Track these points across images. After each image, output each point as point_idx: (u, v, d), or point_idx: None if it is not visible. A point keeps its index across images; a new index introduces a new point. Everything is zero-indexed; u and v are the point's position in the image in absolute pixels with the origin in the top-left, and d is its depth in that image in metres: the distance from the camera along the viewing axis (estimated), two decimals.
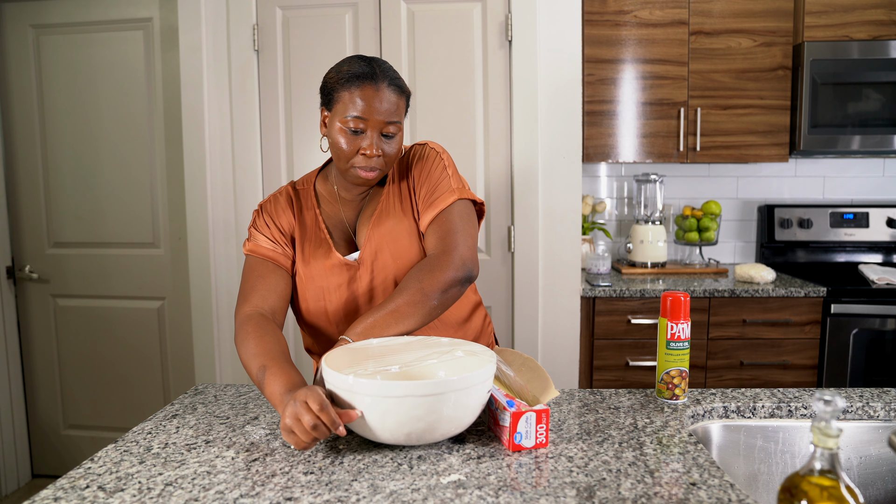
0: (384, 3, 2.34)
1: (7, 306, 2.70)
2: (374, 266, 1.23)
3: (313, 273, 1.24)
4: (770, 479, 1.16)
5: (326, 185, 1.31)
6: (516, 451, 0.98)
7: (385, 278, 1.23)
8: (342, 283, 1.23)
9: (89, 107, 2.61)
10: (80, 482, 0.90)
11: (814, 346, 2.34)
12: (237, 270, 2.49)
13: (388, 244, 1.23)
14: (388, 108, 1.15)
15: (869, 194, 2.89)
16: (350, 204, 1.29)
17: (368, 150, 1.15)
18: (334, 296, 1.24)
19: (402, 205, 1.26)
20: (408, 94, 1.21)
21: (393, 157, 1.20)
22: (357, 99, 1.14)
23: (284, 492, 0.86)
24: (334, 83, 1.17)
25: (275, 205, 1.30)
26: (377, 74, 1.15)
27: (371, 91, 1.14)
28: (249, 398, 1.25)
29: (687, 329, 1.18)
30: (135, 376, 2.71)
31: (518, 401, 1.02)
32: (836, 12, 2.45)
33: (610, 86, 2.55)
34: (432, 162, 1.27)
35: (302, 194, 1.31)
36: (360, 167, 1.17)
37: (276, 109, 2.43)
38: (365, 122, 1.14)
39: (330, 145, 1.20)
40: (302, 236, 1.27)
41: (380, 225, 1.24)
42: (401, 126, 1.19)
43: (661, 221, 2.71)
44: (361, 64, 1.16)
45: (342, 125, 1.15)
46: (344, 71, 1.16)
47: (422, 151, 1.30)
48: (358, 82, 1.14)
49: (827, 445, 0.65)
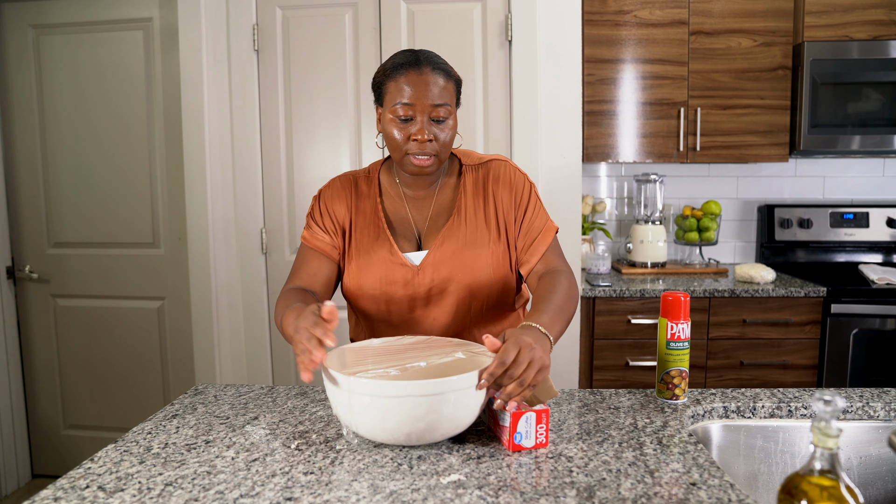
0: (384, 3, 2.34)
1: (7, 306, 2.70)
2: (435, 275, 1.23)
3: (372, 261, 1.25)
4: (770, 479, 1.16)
5: (390, 177, 1.32)
6: (516, 451, 0.98)
7: (444, 290, 1.24)
8: (398, 280, 1.24)
9: (89, 107, 2.60)
10: (80, 482, 0.90)
11: (814, 346, 2.34)
12: (237, 270, 2.49)
13: (457, 258, 1.23)
14: (434, 91, 1.15)
15: (869, 194, 2.89)
16: (416, 202, 1.29)
17: (419, 134, 1.15)
18: (391, 289, 1.24)
19: (488, 225, 1.26)
20: (456, 80, 1.22)
21: (447, 143, 1.20)
22: (403, 86, 1.15)
23: (284, 492, 0.86)
24: (381, 77, 1.20)
25: (332, 191, 1.31)
26: (420, 61, 1.17)
27: (415, 76, 1.15)
28: (249, 398, 1.25)
29: (687, 329, 1.18)
30: (135, 376, 2.71)
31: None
32: (836, 12, 2.45)
33: (610, 86, 2.55)
34: (529, 195, 1.28)
35: (363, 181, 1.32)
36: (414, 154, 1.17)
37: (276, 109, 2.43)
38: (412, 107, 1.15)
39: (385, 138, 1.21)
40: (358, 223, 1.28)
41: (451, 236, 1.24)
42: (451, 110, 1.19)
43: (661, 221, 2.71)
44: (405, 54, 1.19)
45: (392, 115, 1.17)
46: (389, 64, 1.19)
47: (509, 175, 1.28)
48: (402, 70, 1.16)
49: (827, 445, 0.65)
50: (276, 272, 2.50)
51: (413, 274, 1.23)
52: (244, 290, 2.50)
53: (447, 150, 1.21)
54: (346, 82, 2.40)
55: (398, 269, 1.23)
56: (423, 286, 1.23)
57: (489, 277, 1.24)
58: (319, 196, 1.32)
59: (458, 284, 1.23)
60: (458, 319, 1.27)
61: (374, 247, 1.25)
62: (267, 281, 2.50)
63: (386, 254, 1.24)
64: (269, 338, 2.52)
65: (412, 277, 1.23)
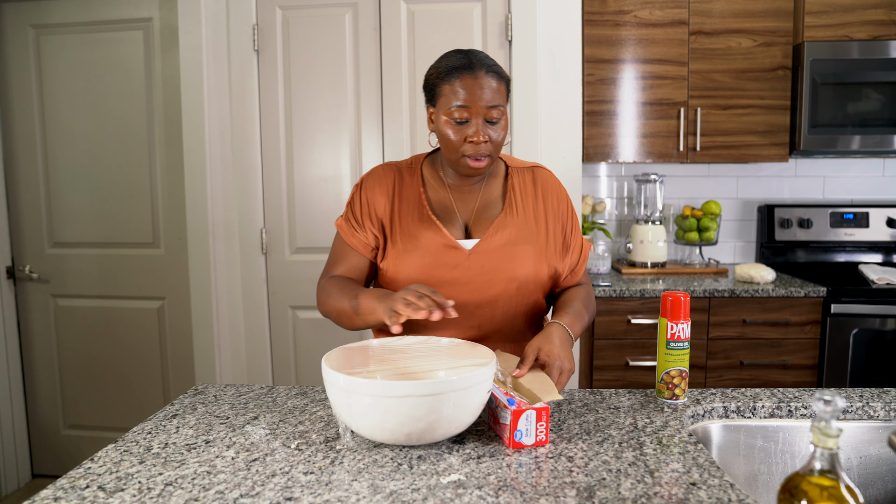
0: (384, 3, 2.34)
1: (7, 306, 2.70)
2: (486, 262, 1.26)
3: (419, 245, 1.27)
4: (770, 479, 1.16)
5: (433, 171, 1.34)
6: (517, 450, 0.98)
7: (491, 279, 1.26)
8: (447, 263, 1.26)
9: (89, 107, 2.60)
10: (80, 482, 0.90)
11: (814, 346, 2.34)
12: (237, 270, 2.49)
13: (507, 249, 1.27)
14: (488, 94, 1.18)
15: (869, 194, 2.89)
16: (461, 194, 1.32)
17: (475, 136, 1.18)
18: (437, 272, 1.26)
19: (538, 224, 1.31)
20: (507, 80, 1.25)
21: (500, 143, 1.23)
22: (458, 90, 1.18)
23: (284, 492, 0.86)
24: (435, 79, 1.23)
25: (373, 180, 1.33)
26: (474, 64, 1.19)
27: (470, 80, 1.18)
28: (249, 398, 1.25)
29: (687, 329, 1.18)
30: (135, 376, 2.71)
31: (518, 398, 1.02)
32: (836, 12, 2.45)
33: (610, 86, 2.55)
34: (571, 210, 1.37)
35: (406, 171, 1.34)
36: (470, 155, 1.21)
37: (276, 109, 2.43)
38: (468, 110, 1.18)
39: (439, 139, 1.24)
40: (402, 210, 1.30)
41: (504, 227, 1.28)
42: (503, 111, 1.22)
43: (661, 221, 2.71)
44: (458, 56, 1.21)
45: (447, 117, 1.20)
46: (443, 66, 1.22)
47: (556, 185, 1.37)
48: (457, 73, 1.19)
49: (827, 445, 0.65)
50: (276, 272, 2.50)
51: (464, 258, 1.26)
52: (244, 290, 2.50)
53: (500, 150, 1.25)
54: (346, 82, 2.40)
55: (448, 252, 1.26)
56: (473, 270, 1.26)
57: (530, 273, 1.28)
58: (361, 185, 1.34)
59: (503, 275, 1.26)
60: (499, 310, 1.29)
61: (420, 231, 1.28)
62: (267, 281, 2.50)
63: (434, 237, 1.26)
64: (269, 338, 2.52)
65: (462, 261, 1.26)
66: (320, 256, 2.48)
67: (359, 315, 1.17)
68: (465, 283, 1.26)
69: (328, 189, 2.45)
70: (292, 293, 2.49)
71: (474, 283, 1.26)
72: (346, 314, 1.21)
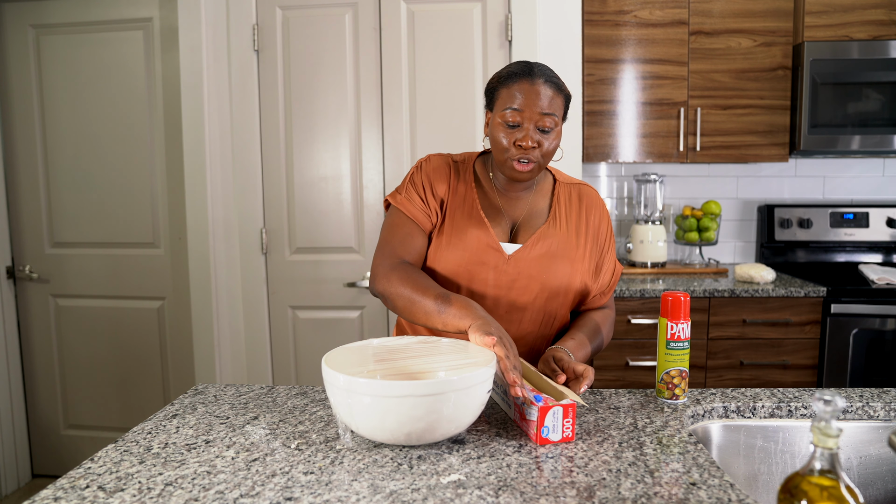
0: (384, 3, 2.34)
1: (7, 306, 2.70)
2: (523, 268, 1.27)
3: (465, 240, 1.27)
4: (770, 479, 1.16)
5: (484, 170, 1.35)
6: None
7: (525, 286, 1.27)
8: (489, 262, 1.27)
9: (89, 107, 2.60)
10: (80, 482, 0.90)
11: (814, 346, 2.34)
12: (237, 270, 2.49)
13: (545, 260, 1.28)
14: (543, 101, 1.19)
15: (869, 194, 2.89)
16: (509, 200, 1.32)
17: (524, 140, 1.19)
18: (478, 269, 1.27)
19: (578, 240, 1.32)
20: (566, 94, 1.25)
21: (549, 153, 1.23)
22: (515, 93, 1.20)
23: (284, 492, 0.86)
24: (495, 83, 1.25)
25: (433, 165, 1.34)
26: (534, 71, 1.21)
27: (527, 85, 1.19)
28: (249, 398, 1.25)
29: (687, 329, 1.18)
30: (135, 376, 2.71)
31: (545, 395, 1.02)
32: (836, 12, 2.45)
33: (610, 86, 2.55)
34: (610, 233, 1.38)
35: (460, 166, 1.35)
36: (516, 159, 1.21)
37: (276, 109, 2.43)
38: (521, 113, 1.19)
39: (490, 141, 1.25)
40: (454, 203, 1.31)
41: (545, 238, 1.29)
42: (557, 121, 1.22)
43: (661, 221, 2.71)
44: (520, 65, 1.23)
45: (500, 119, 1.22)
46: (504, 71, 1.24)
47: (601, 204, 1.38)
48: (516, 78, 1.21)
49: (827, 445, 0.65)
50: (276, 272, 2.50)
51: (503, 261, 1.27)
52: (244, 290, 2.50)
53: (548, 160, 1.25)
54: (346, 82, 2.40)
55: (490, 252, 1.27)
56: (508, 275, 1.27)
57: (562, 287, 1.29)
58: (420, 166, 1.35)
59: (537, 284, 1.28)
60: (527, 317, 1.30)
61: (468, 227, 1.28)
62: (267, 281, 2.50)
63: (481, 235, 1.27)
64: (269, 338, 2.52)
65: (501, 264, 1.27)
66: (320, 256, 2.48)
67: (441, 315, 1.15)
68: (500, 286, 1.27)
69: (328, 189, 2.45)
70: (292, 293, 2.50)
71: (508, 287, 1.27)
72: (424, 308, 1.17)
